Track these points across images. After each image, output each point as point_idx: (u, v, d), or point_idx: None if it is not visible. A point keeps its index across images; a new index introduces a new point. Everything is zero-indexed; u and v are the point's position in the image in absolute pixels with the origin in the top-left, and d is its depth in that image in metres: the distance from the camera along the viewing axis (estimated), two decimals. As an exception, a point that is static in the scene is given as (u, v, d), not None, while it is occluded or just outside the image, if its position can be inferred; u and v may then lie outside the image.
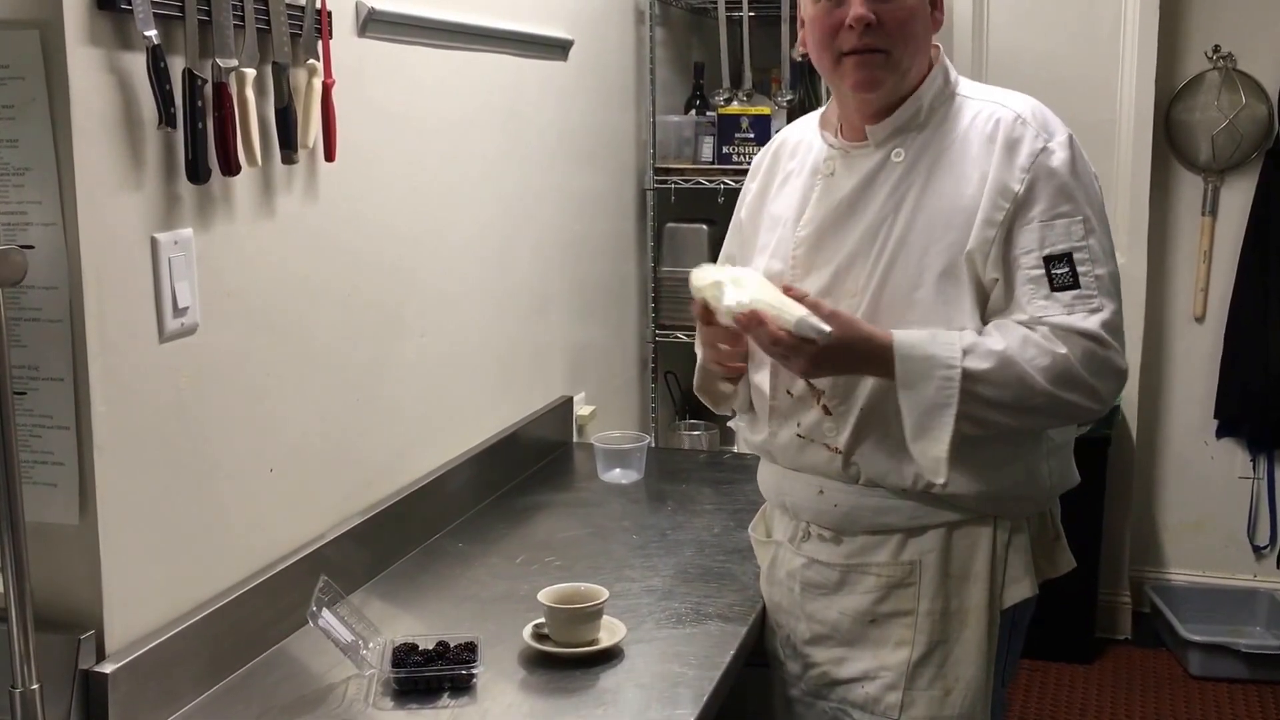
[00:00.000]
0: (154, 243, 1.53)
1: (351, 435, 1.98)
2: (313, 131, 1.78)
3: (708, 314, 1.62)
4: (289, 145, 1.74)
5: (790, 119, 3.34)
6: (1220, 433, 3.81)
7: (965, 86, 1.63)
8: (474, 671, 1.61)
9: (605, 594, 1.72)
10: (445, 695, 1.59)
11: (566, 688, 1.61)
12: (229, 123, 1.60)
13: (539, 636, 1.71)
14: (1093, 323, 1.45)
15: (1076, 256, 1.45)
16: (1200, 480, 3.86)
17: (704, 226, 3.26)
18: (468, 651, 1.64)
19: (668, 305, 3.27)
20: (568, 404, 2.79)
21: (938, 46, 1.65)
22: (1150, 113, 3.58)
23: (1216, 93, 3.65)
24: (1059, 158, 1.50)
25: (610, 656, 1.68)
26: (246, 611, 1.68)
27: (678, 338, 3.24)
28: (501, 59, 2.42)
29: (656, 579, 1.97)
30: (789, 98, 3.21)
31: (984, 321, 1.52)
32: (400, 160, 2.08)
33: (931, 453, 1.50)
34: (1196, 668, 3.47)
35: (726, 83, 3.29)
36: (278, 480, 1.79)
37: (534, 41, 2.54)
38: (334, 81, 1.81)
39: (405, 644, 1.66)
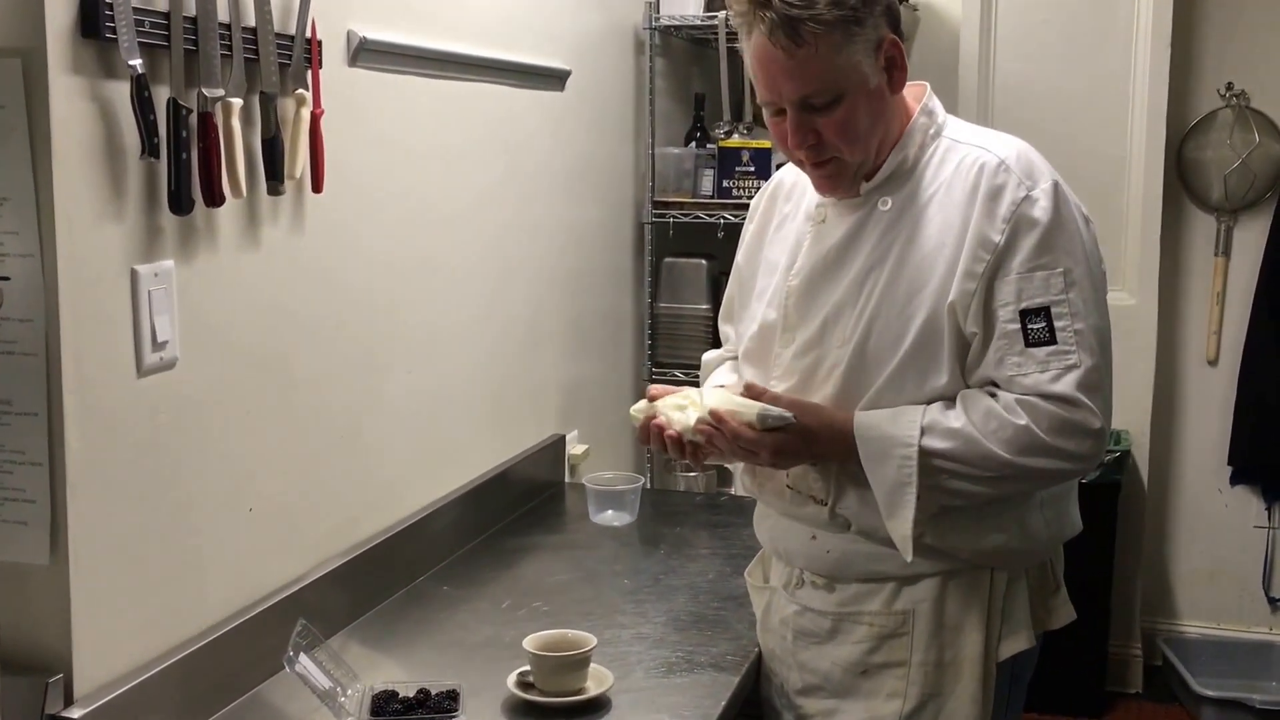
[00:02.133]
0: (134, 275, 1.54)
1: (335, 474, 1.98)
2: (300, 162, 1.79)
3: (648, 432, 1.68)
4: (275, 176, 1.75)
5: (792, 153, 3.38)
6: (1235, 480, 3.80)
7: (953, 128, 1.62)
8: (455, 721, 1.60)
9: (593, 641, 1.72)
10: (425, 745, 1.59)
11: (551, 739, 1.61)
12: (214, 153, 1.61)
13: (524, 685, 1.70)
14: (1064, 384, 1.45)
15: (1054, 310, 1.45)
16: (1214, 528, 3.85)
17: (703, 261, 3.28)
18: (449, 700, 1.64)
19: (665, 342, 3.28)
20: (560, 443, 2.79)
21: (923, 85, 1.64)
22: (1161, 150, 3.60)
23: (1229, 131, 3.67)
24: (1041, 207, 1.48)
25: (597, 707, 1.67)
26: (221, 655, 1.68)
27: (675, 375, 3.24)
28: (497, 89, 2.43)
29: (647, 626, 1.96)
30: (791, 131, 3.23)
31: (964, 374, 1.53)
32: (391, 192, 2.09)
33: (899, 531, 1.53)
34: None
35: (727, 115, 3.31)
36: (257, 520, 1.79)
37: (530, 72, 2.57)
38: (323, 111, 1.83)
39: (385, 691, 1.66)
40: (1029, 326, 1.45)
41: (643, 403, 1.71)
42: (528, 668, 1.72)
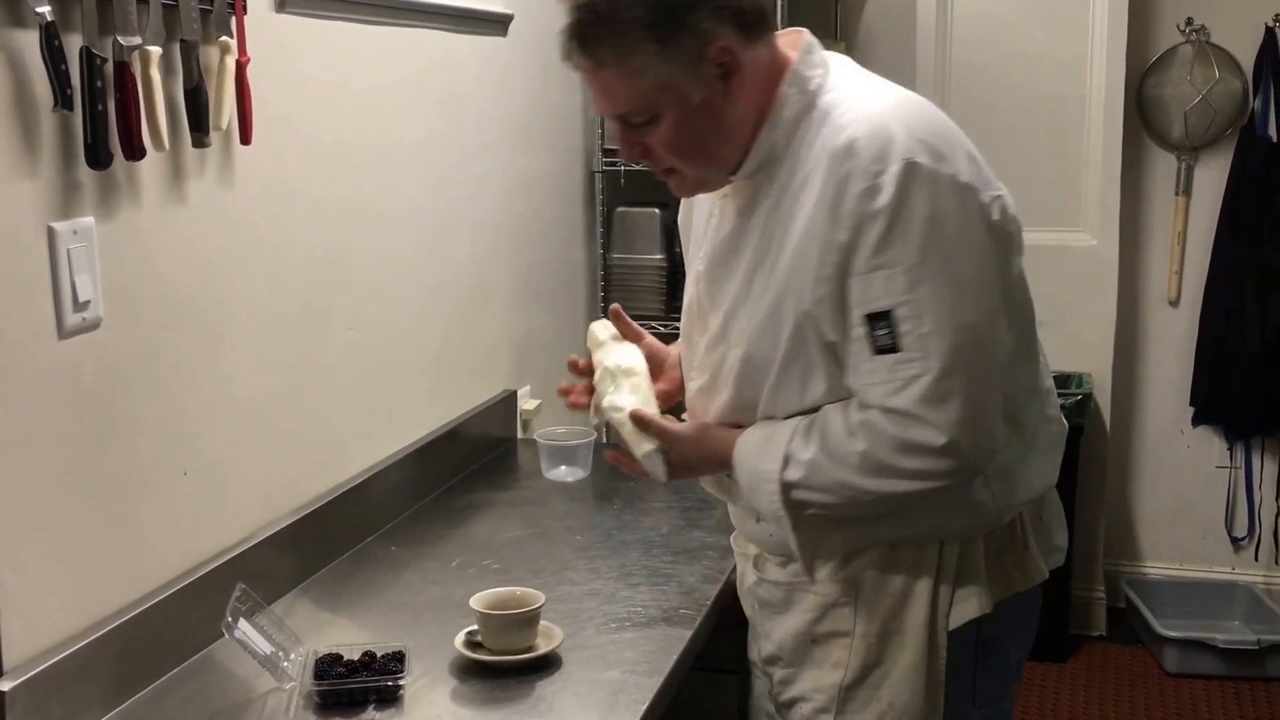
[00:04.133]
0: (51, 233, 1.50)
1: (274, 435, 1.96)
2: (226, 113, 1.75)
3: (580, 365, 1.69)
4: (200, 128, 1.71)
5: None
6: (1196, 421, 3.84)
7: (829, 93, 1.45)
8: (400, 683, 1.59)
9: (541, 599, 1.71)
10: (370, 708, 1.58)
11: (499, 698, 1.60)
12: (132, 104, 1.57)
13: (472, 644, 1.69)
14: (903, 398, 1.35)
15: (897, 314, 1.34)
16: (1176, 470, 3.89)
17: (656, 210, 3.25)
18: (395, 661, 1.62)
19: (619, 293, 3.25)
20: (511, 398, 2.77)
21: (799, 34, 1.50)
22: (1121, 88, 3.59)
23: (1189, 67, 3.66)
24: (885, 195, 1.33)
25: (547, 664, 1.67)
26: (158, 623, 1.65)
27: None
28: (434, 34, 2.39)
29: (599, 581, 1.95)
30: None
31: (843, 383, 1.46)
32: (325, 143, 2.05)
33: (797, 555, 1.53)
34: (1172, 664, 3.50)
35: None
36: (192, 484, 1.77)
37: (470, 16, 2.52)
38: (249, 60, 1.78)
39: (329, 655, 1.64)
40: (875, 332, 1.36)
41: (597, 327, 1.70)
42: (476, 627, 1.70)
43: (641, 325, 1.80)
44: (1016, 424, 1.48)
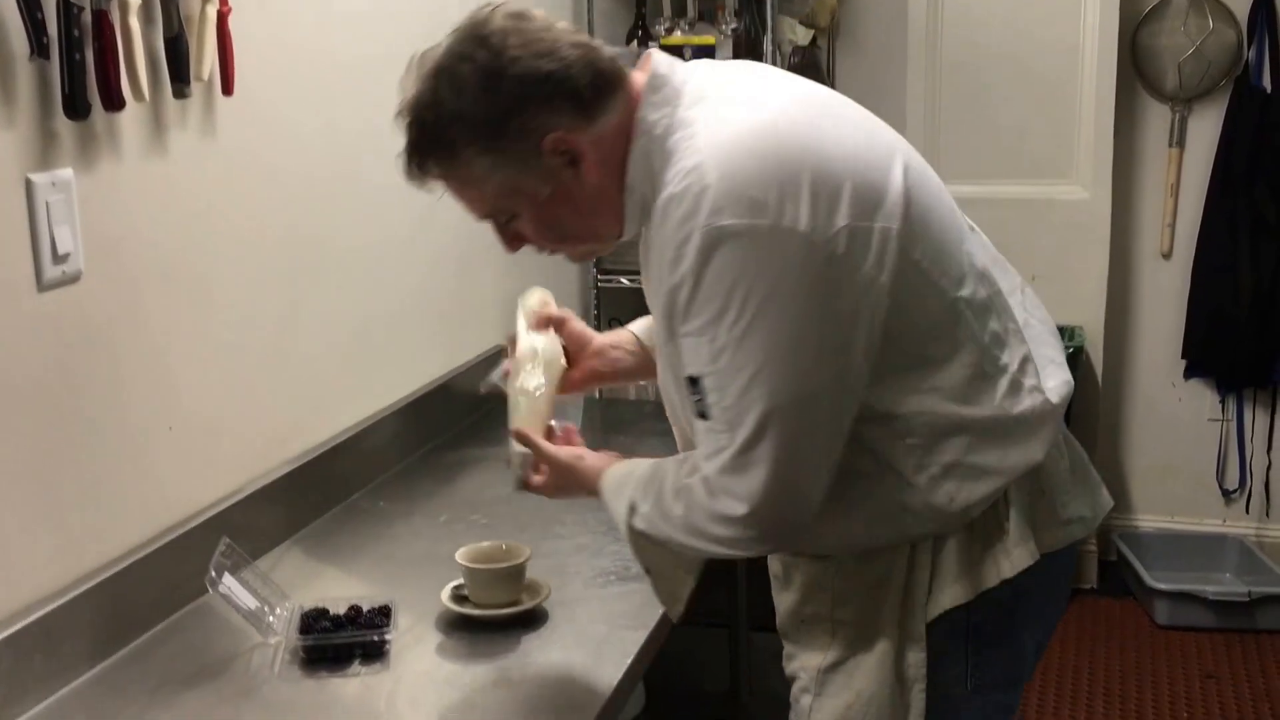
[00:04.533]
0: (29, 184, 1.48)
1: (261, 390, 1.94)
2: (208, 63, 1.73)
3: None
4: (181, 78, 1.68)
5: (736, 49, 3.31)
6: (1188, 373, 3.83)
7: (679, 131, 1.35)
8: (386, 637, 1.58)
9: (527, 552, 1.70)
10: (356, 662, 1.57)
11: (485, 652, 1.60)
12: (110, 53, 1.54)
13: (458, 598, 1.69)
14: (711, 466, 1.33)
15: (704, 383, 1.31)
16: (1168, 423, 3.88)
17: (646, 164, 3.21)
18: (381, 616, 1.62)
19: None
20: (502, 354, 2.75)
21: (648, 58, 1.41)
22: (1114, 38, 3.55)
23: (1184, 17, 3.63)
24: (686, 263, 1.27)
25: (533, 618, 1.66)
26: (143, 579, 1.65)
27: (621, 282, 3.21)
28: (420, -15, 2.35)
29: (587, 536, 1.95)
30: (734, 26, 3.17)
31: None
32: (310, 95, 2.03)
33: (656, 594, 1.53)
34: (1163, 617, 3.51)
35: (668, 10, 3.23)
36: (177, 439, 1.75)
37: (456, -34, 2.48)
38: (230, 9, 1.75)
39: (315, 609, 1.64)
40: (693, 396, 1.33)
41: (535, 299, 1.68)
42: (461, 581, 1.70)
43: (630, 279, 1.77)
44: (949, 428, 1.39)
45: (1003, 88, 3.64)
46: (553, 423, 1.61)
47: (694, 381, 1.32)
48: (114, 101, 1.56)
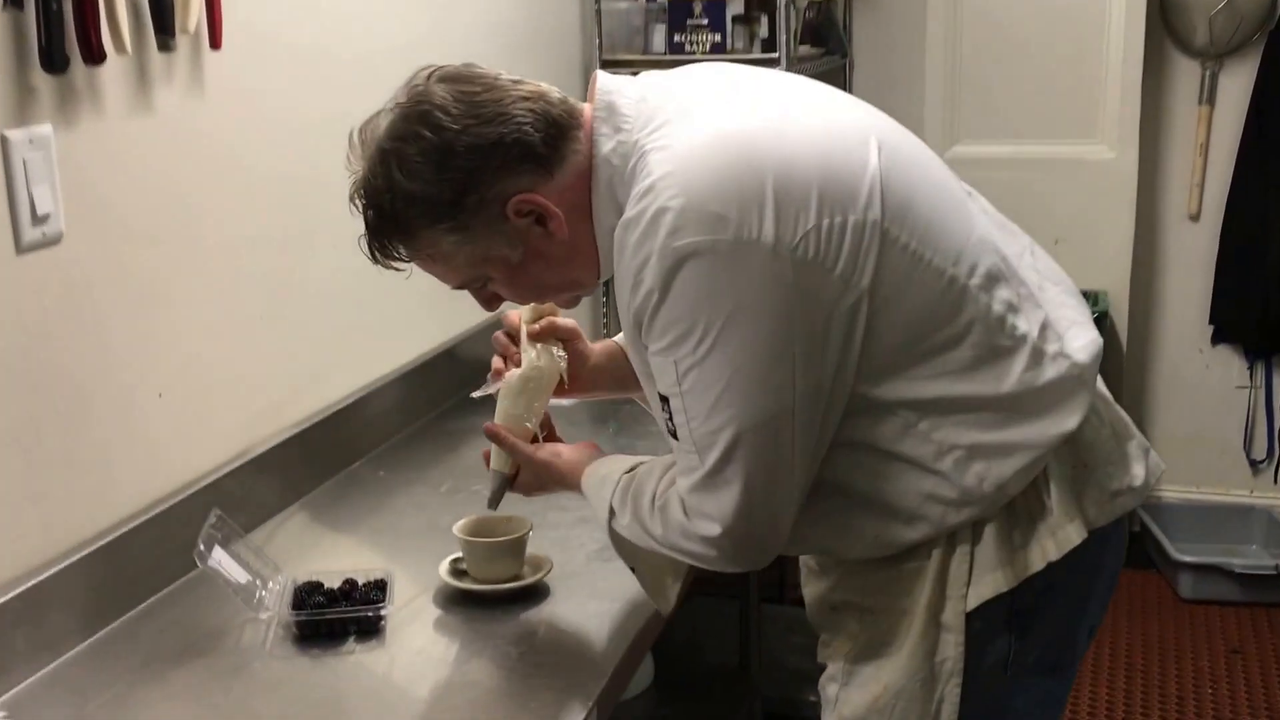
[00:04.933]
0: (4, 141, 1.43)
1: (256, 356, 1.90)
2: (194, 13, 1.67)
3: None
4: (165, 29, 1.63)
5: (748, 5, 3.23)
6: (1216, 339, 3.75)
7: (635, 157, 1.31)
8: (382, 613, 1.54)
9: (528, 525, 1.65)
10: (351, 639, 1.53)
11: (483, 629, 1.56)
12: (89, 3, 1.49)
13: (456, 572, 1.65)
14: (684, 484, 1.31)
15: (672, 404, 1.28)
16: (1194, 390, 3.81)
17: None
18: (377, 590, 1.58)
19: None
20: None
21: (594, 82, 1.37)
22: (1143, -8, 3.47)
23: (1216, -31, 3.53)
24: (645, 287, 1.24)
25: (534, 593, 1.62)
26: (132, 551, 1.61)
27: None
28: (420, -65, 2.29)
29: (590, 509, 1.90)
30: (748, -20, 3.09)
31: None
32: (303, 50, 1.97)
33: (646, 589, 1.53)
34: (1188, 590, 3.46)
35: (681, -35, 3.15)
36: (168, 407, 1.71)
37: (458, -84, 2.42)
38: (217, -42, 1.70)
39: (309, 583, 1.60)
40: (663, 413, 1.31)
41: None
42: (461, 554, 1.66)
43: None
44: (966, 409, 1.32)
45: (1026, 43, 3.56)
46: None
47: (664, 400, 1.30)
48: (94, 54, 1.51)
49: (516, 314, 1.59)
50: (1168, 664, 3.19)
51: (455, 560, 1.66)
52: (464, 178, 1.30)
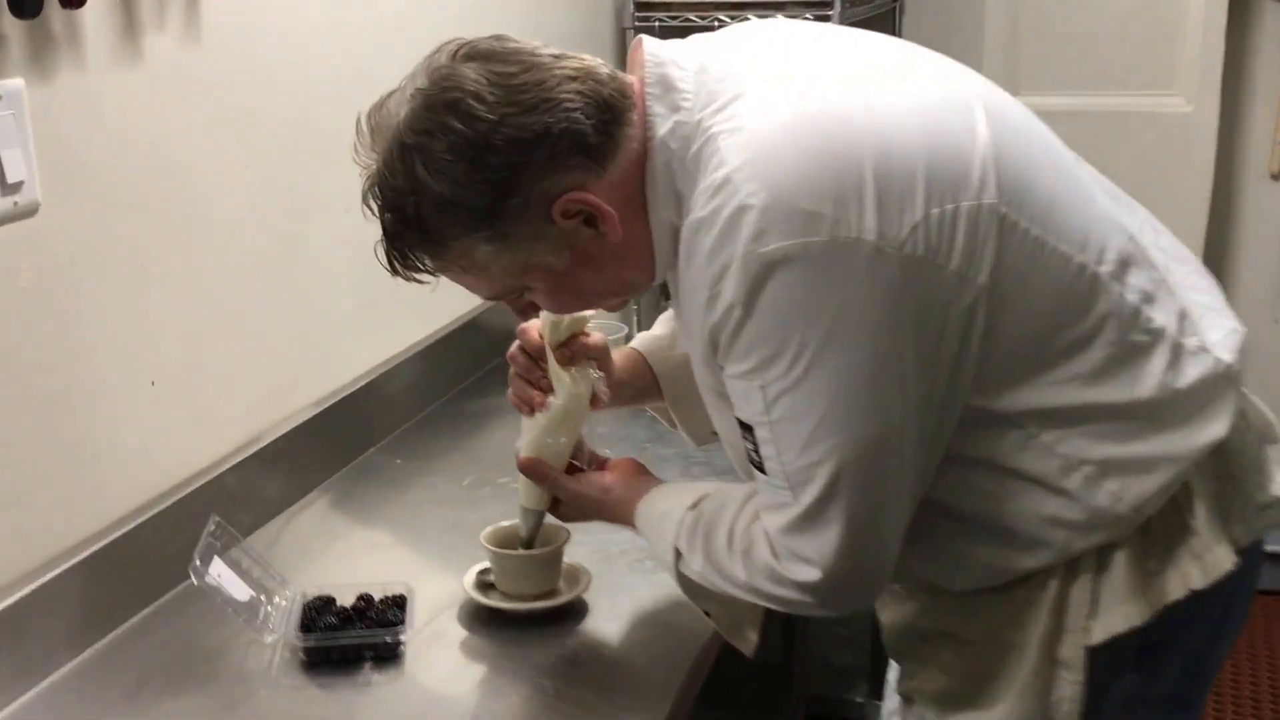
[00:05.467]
0: (-32, 99, 1.28)
1: (257, 337, 1.75)
2: (188, -47, 1.51)
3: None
4: (155, -31, 1.47)
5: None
6: (1293, 307, 3.59)
7: (699, 140, 1.14)
8: (401, 639, 1.40)
9: (565, 534, 1.50)
10: (367, 665, 1.39)
11: (515, 654, 1.41)
12: (66, -61, 1.33)
13: (483, 585, 1.50)
14: (774, 521, 1.15)
15: (758, 434, 1.13)
16: (1269, 361, 3.63)
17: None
18: (395, 609, 1.43)
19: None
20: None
21: (637, 49, 1.21)
22: (1226, -72, 3.26)
23: (1307, -96, 3.32)
24: (725, 300, 1.08)
25: (570, 613, 1.47)
26: (122, 559, 1.47)
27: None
28: None
29: (632, 506, 1.75)
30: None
31: None
32: (311, -9, 1.80)
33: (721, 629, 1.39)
34: (1264, 579, 3.30)
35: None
36: (162, 396, 1.56)
37: None
38: (215, -113, 1.53)
39: (319, 599, 1.46)
40: (745, 443, 1.15)
41: (567, 319, 1.41)
42: (488, 565, 1.51)
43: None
44: (1097, 419, 1.18)
45: (1098, -14, 3.37)
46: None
47: (747, 429, 1.14)
48: (73, -3, 1.35)
49: (536, 329, 1.43)
50: (1240, 660, 3.04)
51: (482, 572, 1.51)
52: (503, 178, 1.13)
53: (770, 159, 1.09)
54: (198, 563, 1.38)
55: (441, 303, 2.23)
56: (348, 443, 1.92)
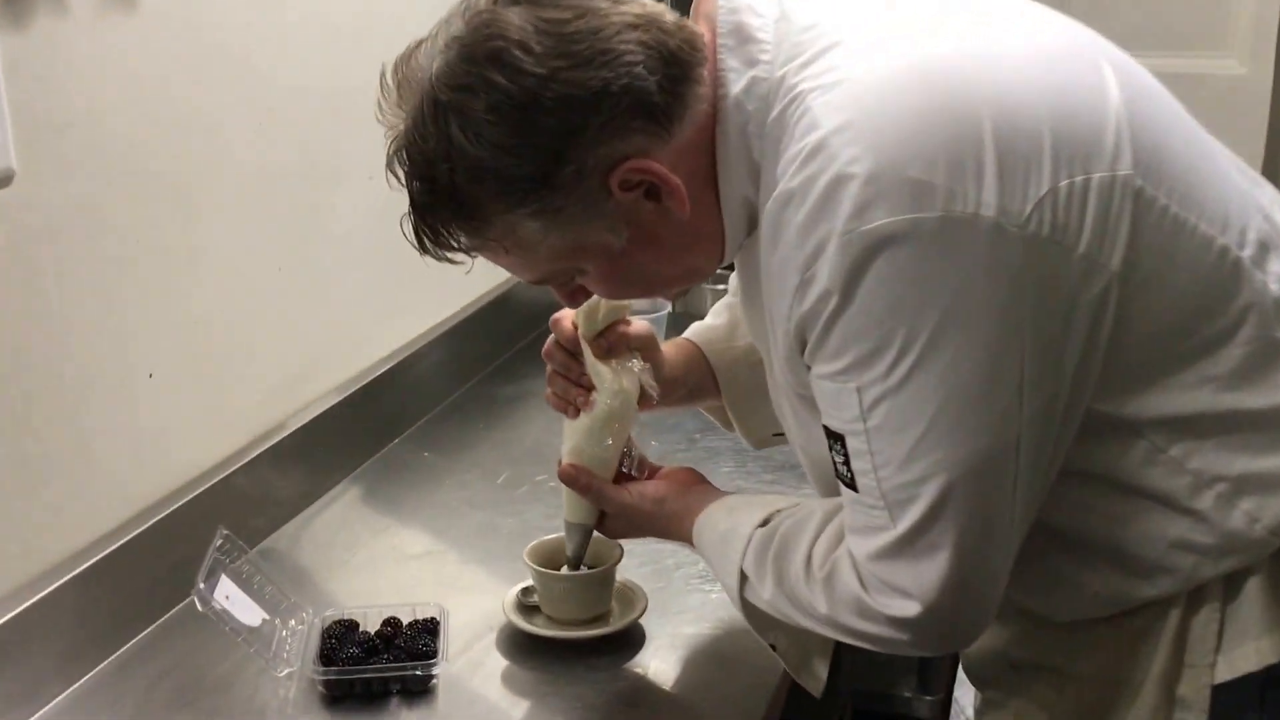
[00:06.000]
0: (-72, 50, 1.06)
1: (270, 318, 1.54)
2: (188, -117, 1.29)
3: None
4: (150, -98, 1.25)
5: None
6: (1350, 280, 3.36)
7: (783, 102, 0.96)
8: (433, 672, 1.20)
9: (618, 551, 1.29)
10: (394, 700, 1.19)
11: (564, 691, 1.20)
12: None
13: (525, 608, 1.30)
14: (865, 547, 0.96)
15: (850, 445, 0.94)
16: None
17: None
18: (425, 635, 1.23)
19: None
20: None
21: (712, 12, 1.00)
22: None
23: None
24: (825, 283, 0.89)
25: (625, 641, 1.27)
26: (118, 575, 1.27)
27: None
28: None
29: (686, 507, 1.55)
30: None
31: None
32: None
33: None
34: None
35: None
36: (161, 389, 1.36)
37: None
38: None
39: (340, 623, 1.25)
40: (833, 454, 0.96)
41: (604, 307, 1.21)
42: (530, 583, 1.31)
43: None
44: (1234, 428, 1.00)
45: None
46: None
47: (836, 438, 0.95)
48: (53, -68, 1.13)
49: (570, 319, 1.22)
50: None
51: (524, 591, 1.31)
52: (553, 143, 0.94)
53: (873, 119, 0.90)
54: (200, 585, 1.18)
55: (473, 277, 2.02)
56: (371, 434, 1.72)
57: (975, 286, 0.89)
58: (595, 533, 1.27)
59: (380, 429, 1.74)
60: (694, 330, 1.34)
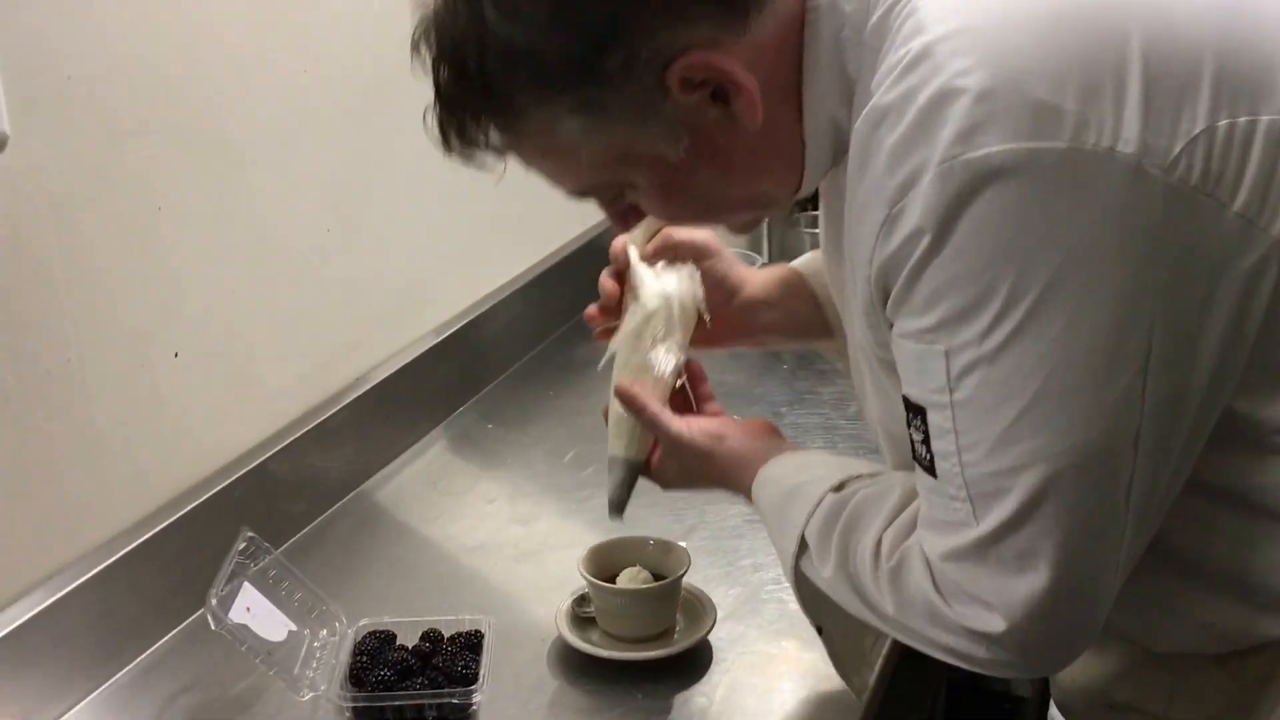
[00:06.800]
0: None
1: (319, 283, 1.39)
2: None
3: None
4: None
5: None
6: None
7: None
8: (473, 700, 1.03)
9: (686, 561, 1.12)
10: (430, 727, 1.03)
11: (620, 718, 1.03)
12: None
13: (580, 621, 1.13)
14: (941, 545, 0.77)
15: (931, 420, 0.76)
16: None
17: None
18: (468, 654, 1.07)
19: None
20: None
21: None
22: None
23: None
24: (917, 219, 0.71)
25: (691, 662, 1.09)
26: (134, 579, 1.13)
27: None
28: None
29: (766, 496, 1.36)
30: None
31: None
32: None
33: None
34: None
35: None
36: (186, 369, 1.21)
37: None
38: None
39: (374, 635, 1.10)
40: (910, 431, 0.78)
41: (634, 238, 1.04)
42: (586, 592, 1.14)
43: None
44: None
45: None
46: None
47: (915, 411, 0.76)
48: None
49: (624, 242, 1.04)
50: None
51: (579, 601, 1.14)
52: (602, 24, 0.76)
53: (993, 25, 0.72)
54: (213, 601, 1.02)
55: (541, 233, 1.84)
56: (427, 402, 1.56)
57: (1101, 238, 0.70)
58: (653, 538, 1.10)
59: (433, 399, 1.58)
60: (801, 260, 1.15)
